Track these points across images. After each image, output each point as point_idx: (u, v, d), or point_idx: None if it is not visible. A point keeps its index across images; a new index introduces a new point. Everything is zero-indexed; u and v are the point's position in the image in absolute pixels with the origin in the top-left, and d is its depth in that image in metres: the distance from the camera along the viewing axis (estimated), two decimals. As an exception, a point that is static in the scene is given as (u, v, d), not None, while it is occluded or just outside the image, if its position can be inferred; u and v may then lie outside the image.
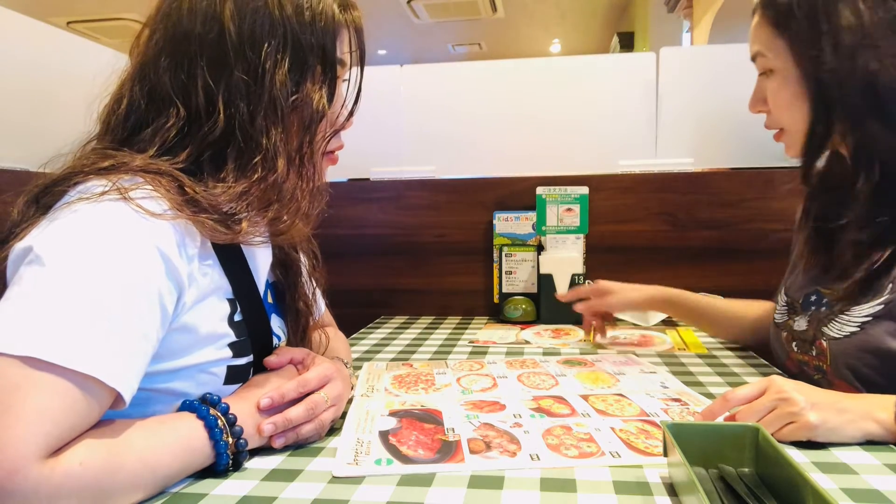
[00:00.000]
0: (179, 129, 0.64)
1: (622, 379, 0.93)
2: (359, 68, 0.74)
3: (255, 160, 0.65)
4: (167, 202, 0.59)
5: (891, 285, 0.77)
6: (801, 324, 0.89)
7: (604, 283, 1.19)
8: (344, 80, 0.74)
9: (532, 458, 0.64)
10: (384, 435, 0.70)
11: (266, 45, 0.65)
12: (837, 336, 0.82)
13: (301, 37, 0.67)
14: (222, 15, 0.65)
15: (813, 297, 0.90)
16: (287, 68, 0.66)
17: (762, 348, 1.08)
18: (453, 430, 0.72)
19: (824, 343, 0.83)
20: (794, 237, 1.02)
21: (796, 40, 0.81)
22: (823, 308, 0.87)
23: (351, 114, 0.75)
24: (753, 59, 0.89)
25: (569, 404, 0.81)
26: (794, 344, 0.91)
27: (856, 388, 0.79)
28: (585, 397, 0.84)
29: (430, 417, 0.76)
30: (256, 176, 0.65)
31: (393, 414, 0.77)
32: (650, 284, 1.33)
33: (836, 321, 0.82)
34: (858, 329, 0.79)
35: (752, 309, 1.13)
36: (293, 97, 0.67)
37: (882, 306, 0.77)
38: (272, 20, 0.65)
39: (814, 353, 0.86)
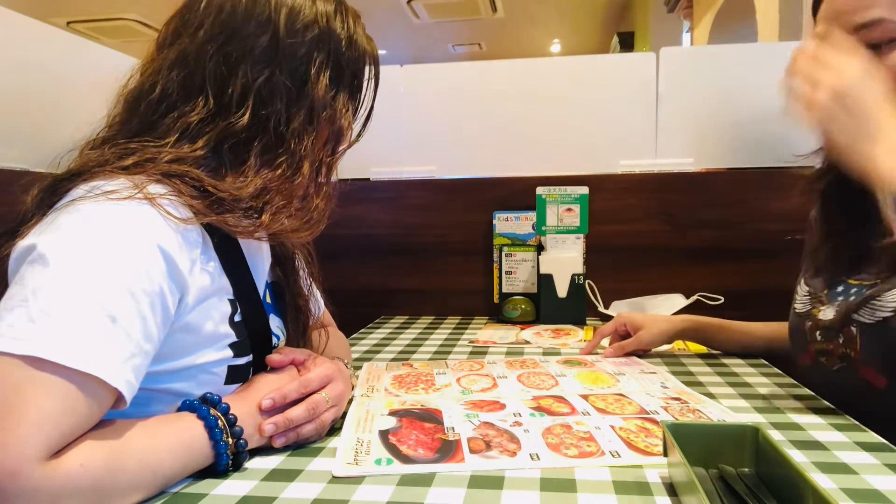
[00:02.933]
0: (203, 119, 0.66)
1: (622, 379, 0.93)
2: (372, 94, 0.80)
3: (280, 159, 0.68)
4: (188, 210, 0.61)
5: None
6: (827, 314, 0.88)
7: (629, 318, 1.12)
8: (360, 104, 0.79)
9: (532, 458, 0.64)
10: (384, 434, 0.70)
11: (313, 58, 0.70)
12: (869, 321, 0.80)
13: (342, 55, 0.73)
14: (278, 21, 0.68)
15: (840, 288, 0.88)
16: (327, 81, 0.71)
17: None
18: (453, 429, 0.72)
19: (853, 329, 0.82)
20: (810, 233, 1.00)
21: None
22: (853, 297, 0.85)
23: (359, 135, 0.80)
24: (861, 27, 0.75)
25: (569, 403, 0.81)
26: (817, 333, 0.90)
27: (885, 375, 0.78)
28: (585, 397, 0.84)
29: (430, 417, 0.76)
30: (279, 173, 0.68)
31: (393, 413, 0.77)
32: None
33: (868, 307, 0.81)
34: (892, 314, 0.77)
35: (768, 328, 1.11)
36: (328, 110, 0.72)
37: None
38: (320, 33, 0.71)
39: (840, 341, 0.85)
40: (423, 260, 1.62)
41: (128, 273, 0.54)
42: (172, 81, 0.67)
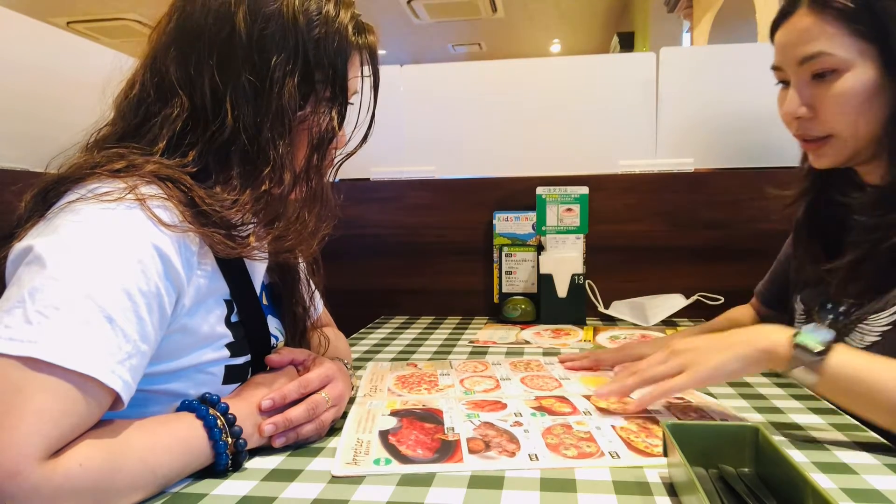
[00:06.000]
0: (185, 123, 0.64)
1: None
2: (372, 94, 0.74)
3: (264, 172, 0.65)
4: (178, 214, 0.60)
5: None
6: None
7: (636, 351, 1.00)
8: (350, 104, 0.73)
9: (531, 459, 0.64)
10: (384, 435, 0.70)
11: (276, 54, 0.64)
12: (859, 346, 0.80)
13: (311, 52, 0.66)
14: (235, 16, 0.64)
15: (829, 306, 0.89)
16: (296, 82, 0.65)
17: None
18: (453, 429, 0.72)
19: None
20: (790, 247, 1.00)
21: (886, 39, 0.74)
22: (841, 317, 0.86)
23: (365, 138, 0.74)
24: (804, 60, 0.79)
25: (570, 403, 0.81)
26: None
27: None
28: (588, 397, 0.84)
29: (430, 417, 0.76)
30: (264, 188, 0.65)
31: (394, 413, 0.77)
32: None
33: (857, 332, 0.81)
34: (880, 338, 0.78)
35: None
36: (301, 112, 0.66)
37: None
38: (284, 30, 0.65)
39: None
40: (423, 260, 1.62)
41: (125, 274, 0.54)
42: (148, 84, 0.66)
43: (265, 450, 0.66)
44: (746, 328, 0.74)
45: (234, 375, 0.68)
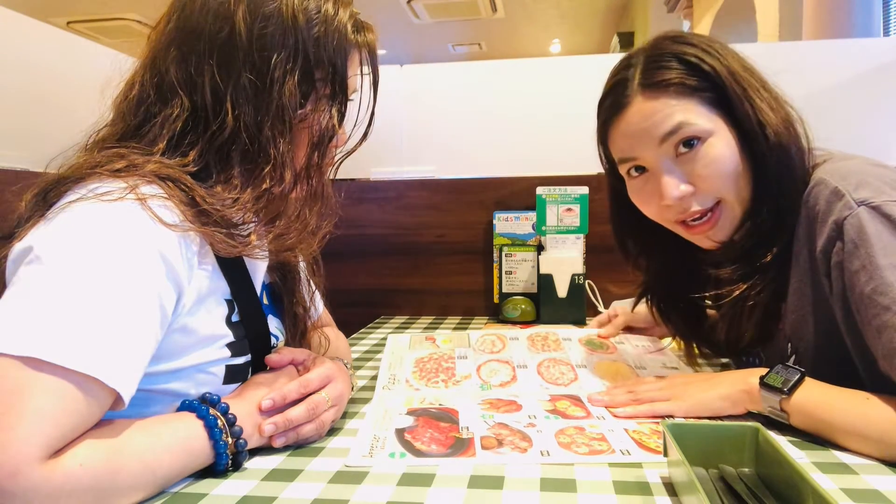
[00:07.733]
0: (185, 122, 0.64)
1: (642, 374, 0.93)
2: (371, 92, 0.74)
3: (265, 170, 0.65)
4: (179, 213, 0.60)
5: (789, 344, 0.77)
6: None
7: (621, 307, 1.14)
8: (350, 101, 0.72)
9: (542, 454, 0.64)
10: (400, 432, 0.71)
11: (276, 53, 0.64)
12: None
13: (311, 51, 0.66)
14: (234, 16, 0.64)
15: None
16: (296, 80, 0.65)
17: None
18: (468, 428, 0.73)
19: None
20: None
21: (730, 102, 0.74)
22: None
23: (364, 136, 0.74)
24: (666, 136, 0.75)
25: (584, 407, 0.81)
26: None
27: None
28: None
29: (446, 416, 0.77)
30: (265, 186, 0.65)
31: (411, 412, 0.79)
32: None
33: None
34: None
35: None
36: (301, 110, 0.67)
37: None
38: (284, 29, 0.65)
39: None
40: (423, 260, 1.62)
41: (126, 274, 0.54)
42: (147, 84, 0.66)
43: (265, 450, 0.66)
44: (736, 371, 0.78)
45: (234, 375, 0.68)
